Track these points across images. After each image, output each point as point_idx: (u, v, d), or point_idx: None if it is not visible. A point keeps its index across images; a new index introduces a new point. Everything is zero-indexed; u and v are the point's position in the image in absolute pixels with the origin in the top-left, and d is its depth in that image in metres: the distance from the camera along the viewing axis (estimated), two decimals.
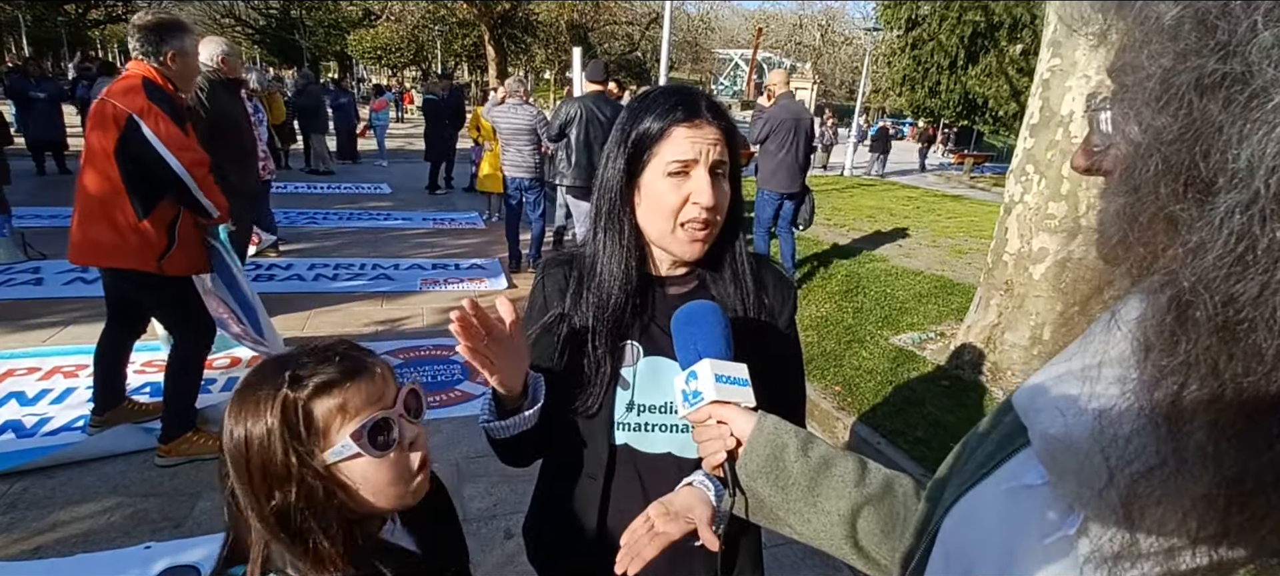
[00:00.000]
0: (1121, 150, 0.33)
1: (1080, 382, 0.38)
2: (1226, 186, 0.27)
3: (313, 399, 0.71)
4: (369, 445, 0.72)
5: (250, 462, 0.71)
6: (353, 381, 0.73)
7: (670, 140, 0.90)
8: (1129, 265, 0.33)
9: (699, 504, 0.84)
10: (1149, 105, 0.30)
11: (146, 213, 2.46)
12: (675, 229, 0.92)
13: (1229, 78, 0.27)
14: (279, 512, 0.71)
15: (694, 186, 0.90)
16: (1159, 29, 0.30)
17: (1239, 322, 0.26)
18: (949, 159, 23.44)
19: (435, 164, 9.76)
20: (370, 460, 0.73)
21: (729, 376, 0.79)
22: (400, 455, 0.76)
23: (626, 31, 29.25)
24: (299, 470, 0.70)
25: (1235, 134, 0.26)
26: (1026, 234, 3.54)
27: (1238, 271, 0.26)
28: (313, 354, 0.75)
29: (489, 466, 2.77)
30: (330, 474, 0.72)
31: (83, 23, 26.89)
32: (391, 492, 0.77)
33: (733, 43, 43.82)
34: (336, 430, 0.72)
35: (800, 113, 5.29)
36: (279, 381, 0.71)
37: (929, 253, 7.09)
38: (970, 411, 3.32)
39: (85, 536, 2.27)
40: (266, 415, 0.70)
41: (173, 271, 2.57)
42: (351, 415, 0.72)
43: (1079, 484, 0.35)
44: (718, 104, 0.95)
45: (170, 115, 2.44)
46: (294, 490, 0.71)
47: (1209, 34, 0.28)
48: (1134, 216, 0.32)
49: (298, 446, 0.70)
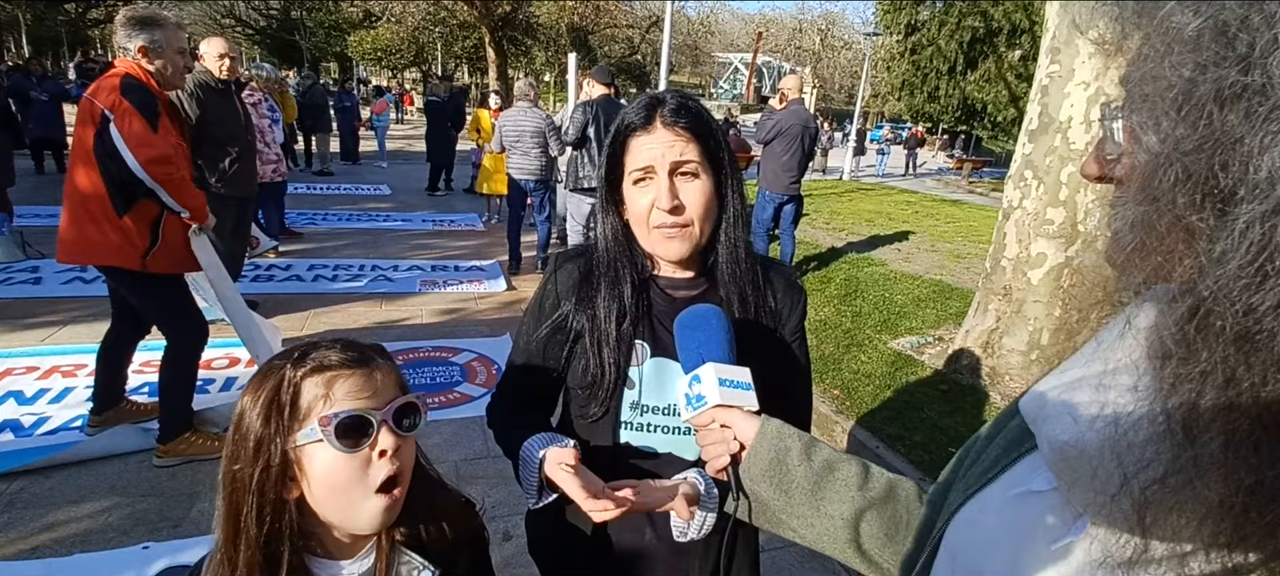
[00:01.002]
0: (1138, 159, 0.33)
1: (1093, 390, 0.38)
2: (1247, 197, 0.27)
3: (305, 378, 0.71)
4: (333, 434, 0.69)
5: (236, 433, 0.72)
6: (348, 370, 0.72)
7: (629, 150, 0.94)
8: (1143, 273, 0.33)
9: (683, 484, 0.87)
10: (1168, 115, 0.31)
11: (127, 209, 2.44)
12: (649, 232, 0.95)
13: (1250, 89, 0.27)
14: (233, 490, 0.71)
15: (655, 191, 0.92)
16: (1180, 39, 0.30)
17: (1258, 332, 0.26)
18: (948, 164, 23.49)
19: (436, 166, 9.77)
20: (332, 453, 0.70)
21: (732, 380, 0.79)
22: (364, 458, 0.71)
23: (627, 35, 29.31)
24: (268, 446, 0.69)
25: (1256, 145, 0.26)
26: (1025, 239, 3.55)
27: (1258, 282, 0.26)
28: (332, 343, 0.75)
29: (487, 468, 2.77)
30: (293, 455, 0.70)
31: (83, 22, 26.89)
32: (343, 499, 0.72)
33: (733, 47, 43.91)
34: (315, 414, 0.70)
35: (807, 119, 5.40)
36: (288, 360, 0.72)
37: (928, 257, 7.10)
38: (968, 416, 3.32)
39: (83, 536, 2.26)
40: (263, 388, 0.71)
41: (157, 269, 2.54)
42: (333, 402, 0.71)
43: (1091, 490, 0.35)
44: (685, 105, 0.94)
45: (143, 111, 2.41)
46: (256, 469, 0.69)
47: (1230, 46, 0.28)
48: (1151, 225, 0.32)
49: (278, 421, 0.69)
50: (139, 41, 2.50)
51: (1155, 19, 0.31)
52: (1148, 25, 0.32)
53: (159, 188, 2.44)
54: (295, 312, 4.50)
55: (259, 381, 0.73)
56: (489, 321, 4.62)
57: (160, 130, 2.48)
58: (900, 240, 7.94)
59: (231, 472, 0.72)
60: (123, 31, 2.52)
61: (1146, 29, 0.32)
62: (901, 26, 21.48)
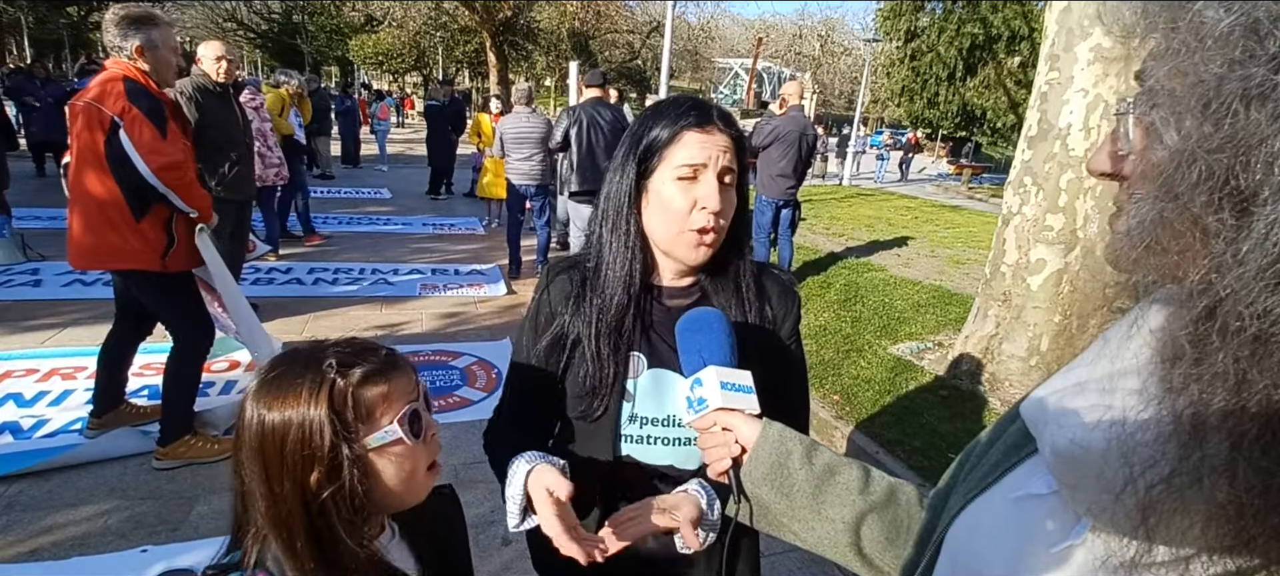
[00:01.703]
0: (1156, 156, 0.33)
1: (1098, 392, 0.38)
2: (1271, 198, 0.27)
3: (361, 387, 0.74)
4: (409, 432, 0.76)
5: (285, 448, 0.71)
6: (396, 371, 0.77)
7: (681, 144, 0.91)
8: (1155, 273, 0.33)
9: (686, 504, 0.85)
10: (1193, 112, 0.30)
11: (143, 213, 2.46)
12: (682, 232, 0.92)
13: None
14: (297, 505, 0.72)
15: (702, 191, 0.91)
16: (1211, 35, 0.30)
17: (1274, 336, 0.26)
18: (948, 169, 23.53)
19: (437, 171, 9.78)
20: (406, 447, 0.76)
21: (734, 383, 0.79)
22: (429, 444, 0.80)
23: (627, 39, 29.37)
24: (338, 456, 0.72)
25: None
26: (1024, 245, 3.56)
27: (1276, 285, 0.26)
28: (339, 346, 0.77)
29: (487, 472, 2.74)
30: (367, 461, 0.75)
31: (85, 25, 26.94)
32: (412, 484, 0.79)
33: (733, 52, 44.01)
34: (381, 416, 0.75)
35: (805, 126, 5.44)
36: (321, 369, 0.73)
37: (927, 262, 7.10)
38: (968, 422, 3.32)
39: (82, 539, 2.26)
40: (311, 401, 0.71)
41: (176, 268, 2.58)
42: (394, 403, 0.76)
43: (1094, 491, 0.35)
44: (729, 114, 0.96)
45: (152, 118, 2.42)
46: (324, 478, 0.71)
47: (1262, 44, 0.27)
48: (1168, 223, 0.32)
49: (345, 431, 0.72)
50: (135, 41, 2.47)
51: (1186, 15, 0.31)
52: (1173, 22, 0.32)
53: (171, 193, 2.47)
54: (295, 316, 4.50)
55: (292, 395, 0.72)
56: (489, 325, 4.62)
57: (169, 136, 2.49)
58: (900, 245, 7.95)
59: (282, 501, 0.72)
60: (116, 30, 2.47)
61: (1172, 25, 0.32)
62: (901, 33, 21.55)
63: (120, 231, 2.46)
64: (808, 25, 44.19)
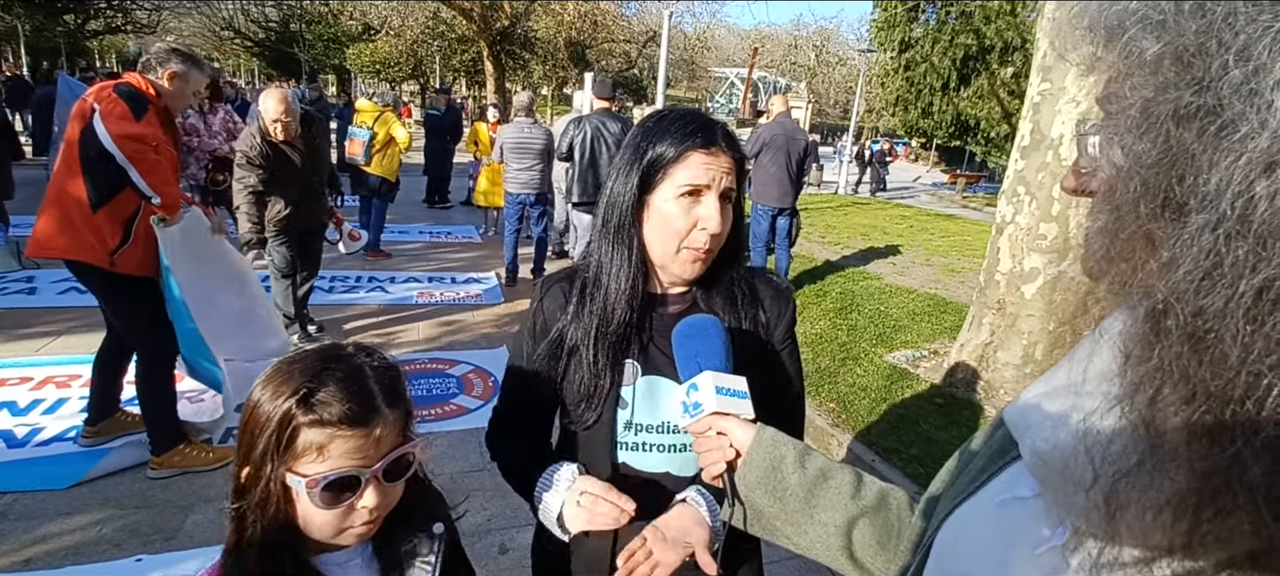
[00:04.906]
0: (1106, 172, 0.36)
1: (1069, 395, 0.40)
2: (1197, 207, 0.29)
3: (307, 426, 0.73)
4: (316, 495, 0.73)
5: (249, 426, 0.76)
6: (349, 429, 0.74)
7: (685, 164, 0.91)
8: (1112, 279, 0.36)
9: (695, 526, 0.86)
10: (1131, 132, 0.33)
11: (101, 202, 2.42)
12: (679, 250, 0.93)
13: (1203, 110, 0.29)
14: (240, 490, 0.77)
15: (704, 211, 0.91)
16: (1142, 63, 0.33)
17: (1207, 332, 0.29)
18: (943, 177, 23.65)
19: (434, 179, 9.78)
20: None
21: (729, 388, 0.80)
22: (347, 508, 0.76)
23: (624, 49, 29.50)
24: (263, 467, 0.74)
25: (1206, 160, 0.29)
26: (1018, 254, 3.58)
27: (1206, 285, 0.28)
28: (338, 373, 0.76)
29: (484, 481, 2.76)
30: (288, 488, 0.75)
31: (82, 33, 26.95)
32: (329, 533, 0.78)
33: (729, 61, 44.23)
34: (306, 463, 0.74)
35: (793, 131, 5.49)
36: (300, 386, 0.74)
37: (923, 271, 7.14)
38: (964, 429, 3.33)
39: (76, 548, 2.25)
40: (278, 404, 0.74)
41: (124, 269, 2.50)
42: (325, 459, 0.74)
43: (1069, 491, 0.37)
44: (733, 135, 0.97)
45: (129, 102, 2.41)
46: (251, 479, 0.75)
47: (1187, 69, 0.30)
48: (1116, 233, 0.35)
49: (275, 452, 0.73)
50: (173, 68, 2.54)
51: (1121, 43, 0.34)
52: (1115, 49, 0.35)
53: (129, 165, 2.39)
54: None
55: (274, 388, 0.75)
56: (486, 333, 4.62)
57: (144, 121, 2.46)
58: (895, 254, 7.98)
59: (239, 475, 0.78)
60: (162, 50, 2.56)
61: (1115, 52, 0.35)
62: (895, 43, 21.72)
63: (72, 219, 2.44)
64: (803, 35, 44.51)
